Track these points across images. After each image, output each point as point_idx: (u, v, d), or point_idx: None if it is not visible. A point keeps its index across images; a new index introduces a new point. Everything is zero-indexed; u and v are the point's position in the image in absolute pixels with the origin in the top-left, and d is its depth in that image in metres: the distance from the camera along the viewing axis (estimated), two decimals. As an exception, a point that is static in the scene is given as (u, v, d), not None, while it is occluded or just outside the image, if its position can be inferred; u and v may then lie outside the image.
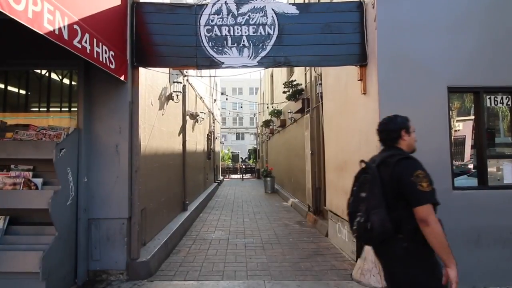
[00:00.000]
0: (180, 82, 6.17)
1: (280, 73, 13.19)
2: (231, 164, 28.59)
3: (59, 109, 4.32)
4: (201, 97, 10.88)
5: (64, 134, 3.65)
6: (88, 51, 2.93)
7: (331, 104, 5.78)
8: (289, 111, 10.06)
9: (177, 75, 6.27)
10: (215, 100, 17.45)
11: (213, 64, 4.03)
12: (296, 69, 9.93)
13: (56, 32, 2.48)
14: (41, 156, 3.39)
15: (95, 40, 3.08)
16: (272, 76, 16.82)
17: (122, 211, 3.90)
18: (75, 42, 2.73)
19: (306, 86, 8.09)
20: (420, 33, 3.88)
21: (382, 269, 2.24)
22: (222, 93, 22.08)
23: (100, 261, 3.89)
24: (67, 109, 4.27)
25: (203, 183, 11.68)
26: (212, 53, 4.03)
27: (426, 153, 3.81)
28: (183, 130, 7.49)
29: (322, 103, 6.56)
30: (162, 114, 5.68)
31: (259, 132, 23.89)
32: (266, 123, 16.30)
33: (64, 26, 2.58)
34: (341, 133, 5.23)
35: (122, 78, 3.76)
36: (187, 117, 8.02)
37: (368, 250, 3.96)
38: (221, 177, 21.14)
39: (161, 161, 5.53)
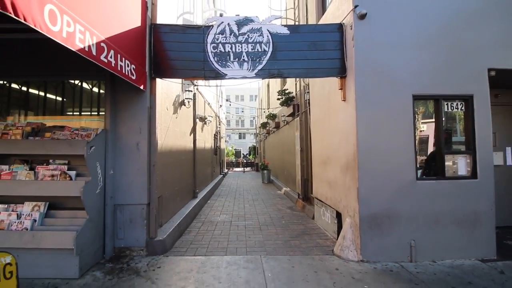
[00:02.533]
0: (191, 91, 6.17)
1: (275, 83, 13.18)
2: (234, 159, 28.59)
3: (89, 113, 4.33)
4: (209, 103, 10.87)
5: (94, 134, 3.66)
6: (113, 65, 2.94)
7: (317, 109, 5.79)
8: (282, 114, 10.07)
9: (188, 84, 6.27)
10: (220, 105, 17.43)
11: (218, 75, 4.04)
12: (288, 79, 9.94)
13: (86, 49, 2.49)
14: (75, 152, 3.41)
15: (119, 55, 3.08)
16: (268, 86, 16.80)
17: (142, 198, 3.92)
18: (102, 57, 2.74)
19: (296, 94, 8.10)
20: (390, 50, 3.90)
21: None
22: (226, 100, 22.05)
23: (124, 240, 3.92)
24: (96, 113, 4.28)
25: (211, 175, 11.70)
26: (217, 66, 4.04)
27: (395, 150, 3.88)
28: (193, 130, 7.50)
29: (309, 108, 6.57)
30: (176, 117, 5.69)
31: (257, 132, 23.89)
32: (264, 125, 16.31)
33: (93, 44, 2.59)
34: (325, 134, 5.25)
35: (141, 87, 3.77)
36: (197, 120, 8.02)
37: (346, 229, 4.01)
38: (226, 170, 21.16)
39: (175, 157, 5.55)
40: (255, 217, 6.32)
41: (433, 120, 4.12)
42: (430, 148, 4.29)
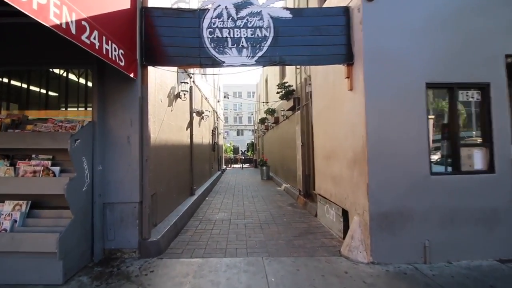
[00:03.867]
0: (187, 83, 5.83)
1: (274, 77, 12.83)
2: (232, 156, 28.28)
3: (76, 104, 3.99)
4: (206, 98, 10.52)
5: (79, 126, 3.33)
6: (96, 47, 2.60)
7: (319, 101, 5.48)
8: (282, 109, 9.75)
9: (183, 72, 5.93)
10: (218, 101, 17.06)
11: (215, 63, 3.71)
12: (287, 72, 9.60)
13: (63, 26, 2.16)
14: (57, 146, 3.08)
15: (104, 37, 2.75)
16: (266, 81, 16.45)
17: (134, 196, 3.60)
18: (83, 37, 2.40)
19: (297, 87, 7.78)
20: (401, 34, 3.58)
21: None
22: (224, 96, 21.68)
23: (114, 241, 3.61)
24: (84, 104, 3.93)
25: (209, 171, 11.39)
26: (214, 53, 3.71)
27: (407, 142, 3.58)
28: (190, 125, 7.17)
29: (311, 101, 6.26)
30: (171, 110, 5.35)
31: (255, 128, 23.56)
32: (262, 121, 15.97)
33: (71, 21, 2.25)
34: (328, 126, 4.94)
35: (131, 75, 3.43)
36: (194, 114, 7.68)
37: (354, 229, 3.72)
38: (224, 166, 20.86)
39: (170, 152, 5.22)
40: (255, 215, 6.02)
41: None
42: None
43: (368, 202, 3.48)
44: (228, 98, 21.94)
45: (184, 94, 5.82)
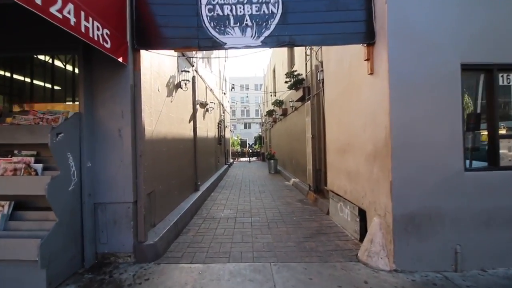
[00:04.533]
0: (188, 71, 5.40)
1: (282, 66, 12.27)
2: (239, 149, 27.94)
3: (64, 95, 3.63)
4: (211, 89, 10.09)
5: (62, 118, 2.96)
6: (72, 23, 2.19)
7: (332, 89, 4.97)
8: (290, 100, 9.25)
9: (186, 57, 5.50)
10: (224, 93, 16.61)
11: (215, 45, 3.26)
12: (296, 60, 9.04)
13: (24, -7, 1.75)
14: (36, 140, 2.72)
15: (83, 13, 2.33)
16: (274, 71, 15.87)
17: (127, 195, 3.24)
18: (52, 9, 1.99)
19: (306, 75, 7.25)
20: (432, 6, 3.04)
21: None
22: (232, 88, 21.16)
23: (107, 244, 3.28)
24: (72, 96, 3.57)
25: (215, 165, 11.05)
26: (214, 33, 3.26)
27: (438, 134, 3.08)
28: (193, 117, 6.77)
29: (323, 89, 5.75)
30: (171, 101, 4.95)
31: (263, 121, 23.07)
32: (270, 113, 15.49)
33: (35, -12, 1.84)
34: (343, 116, 4.45)
35: (120, 59, 3.02)
36: (197, 106, 7.28)
37: (374, 232, 3.27)
38: (231, 160, 20.56)
39: (170, 146, 4.85)
40: (263, 212, 5.64)
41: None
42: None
43: (391, 202, 3.02)
44: (233, 89, 21.42)
45: (185, 84, 5.41)
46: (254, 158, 24.13)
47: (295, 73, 7.82)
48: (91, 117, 3.20)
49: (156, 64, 4.21)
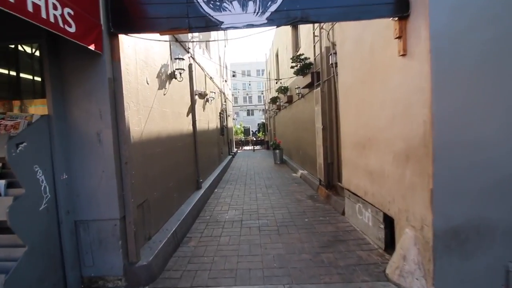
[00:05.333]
0: (182, 59, 4.76)
1: (286, 50, 11.46)
2: (243, 137, 27.38)
3: (32, 94, 3.06)
4: (211, 77, 9.42)
5: (24, 123, 2.41)
6: (12, 0, 1.60)
7: (348, 74, 4.31)
8: (297, 86, 8.55)
9: (178, 43, 4.85)
10: (225, 80, 15.88)
11: (210, 24, 2.62)
12: (303, 42, 8.27)
13: None
14: (-9, 153, 2.18)
15: (27, -16, 1.72)
16: (277, 55, 15.01)
17: (113, 211, 2.73)
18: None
19: (315, 59, 6.53)
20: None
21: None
22: (233, 75, 20.33)
23: (94, 267, 2.81)
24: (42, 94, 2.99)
25: (218, 158, 10.55)
26: (208, 10, 2.61)
27: (492, 130, 2.45)
28: (192, 110, 6.18)
29: (336, 75, 5.09)
30: (164, 94, 4.36)
31: (266, 108, 22.33)
32: (273, 100, 14.77)
33: None
34: (363, 106, 3.83)
35: (92, 47, 2.42)
36: (196, 97, 6.67)
37: (408, 247, 2.74)
38: (235, 150, 20.07)
39: (166, 145, 4.30)
40: (271, 213, 5.15)
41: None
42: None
43: (432, 214, 2.46)
44: (235, 76, 20.61)
45: (180, 74, 4.78)
46: (258, 147, 23.61)
47: (302, 57, 7.09)
48: (64, 119, 2.65)
49: (143, 52, 3.60)
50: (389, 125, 3.11)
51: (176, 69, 4.74)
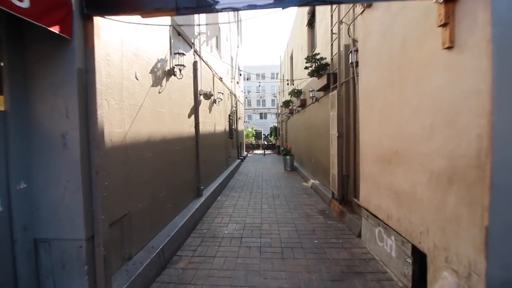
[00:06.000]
0: (183, 54, 4.30)
1: (301, 51, 10.88)
2: (254, 141, 26.86)
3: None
4: (220, 78, 8.98)
5: (-33, 120, 1.97)
6: None
7: (372, 74, 3.70)
8: (311, 89, 7.95)
9: (180, 36, 4.40)
10: (237, 82, 15.46)
11: (202, 4, 2.11)
12: (319, 41, 7.68)
13: None
14: None
15: None
16: (291, 58, 14.46)
17: (77, 230, 2.25)
18: None
19: (332, 59, 5.93)
20: None
21: None
22: (247, 77, 19.91)
23: (55, 295, 2.34)
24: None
25: (225, 162, 10.06)
26: (201, -13, 2.11)
27: None
28: (195, 111, 5.73)
29: (356, 75, 4.47)
30: (159, 92, 3.90)
31: (279, 112, 21.75)
32: (286, 103, 14.21)
33: None
34: (390, 112, 3.20)
35: (55, 30, 1.97)
36: (201, 97, 6.22)
37: (449, 299, 2.10)
38: (245, 153, 19.57)
39: (158, 149, 3.84)
40: (275, 229, 4.57)
41: None
42: None
43: (486, 259, 1.83)
44: (249, 79, 20.24)
45: (180, 70, 4.33)
46: (269, 151, 23.04)
47: (318, 57, 6.50)
48: (24, 117, 2.21)
49: (133, 43, 3.15)
50: (425, 138, 2.48)
51: (175, 65, 4.28)
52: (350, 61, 4.50)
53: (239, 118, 15.96)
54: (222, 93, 8.24)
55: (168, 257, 3.47)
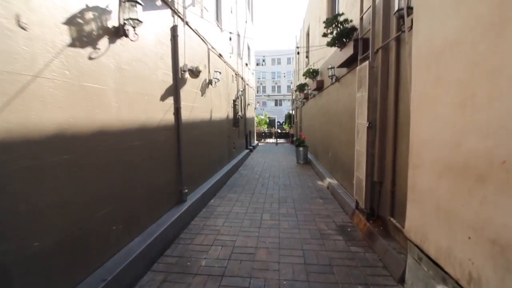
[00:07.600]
0: (138, 3, 2.87)
1: (318, 23, 9.08)
2: (266, 129, 25.31)
3: None
4: (219, 54, 7.51)
5: None
6: None
7: (446, 19, 2.10)
8: (330, 66, 6.32)
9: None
10: (246, 63, 13.87)
11: None
12: (342, 2, 5.94)
13: None
14: None
15: None
16: (308, 34, 12.64)
17: None
18: None
19: (361, 18, 4.26)
20: None
21: None
22: (262, 63, 18.18)
23: None
24: None
25: (227, 155, 8.72)
26: None
27: None
28: (174, 92, 4.36)
29: (406, 32, 2.88)
30: (91, 58, 2.53)
31: (293, 98, 19.99)
32: (300, 87, 12.53)
33: None
34: (488, 87, 1.65)
35: None
36: (186, 75, 4.82)
37: None
38: (255, 143, 18.19)
39: (88, 145, 2.52)
40: (274, 260, 3.22)
41: None
42: None
43: None
44: (264, 62, 18.58)
45: (134, 28, 2.92)
46: (281, 140, 21.50)
47: (341, 19, 4.83)
48: None
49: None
50: None
51: (128, 18, 2.87)
52: (396, 9, 2.88)
53: (249, 104, 14.47)
54: (220, 72, 6.77)
55: (96, 320, 2.21)
